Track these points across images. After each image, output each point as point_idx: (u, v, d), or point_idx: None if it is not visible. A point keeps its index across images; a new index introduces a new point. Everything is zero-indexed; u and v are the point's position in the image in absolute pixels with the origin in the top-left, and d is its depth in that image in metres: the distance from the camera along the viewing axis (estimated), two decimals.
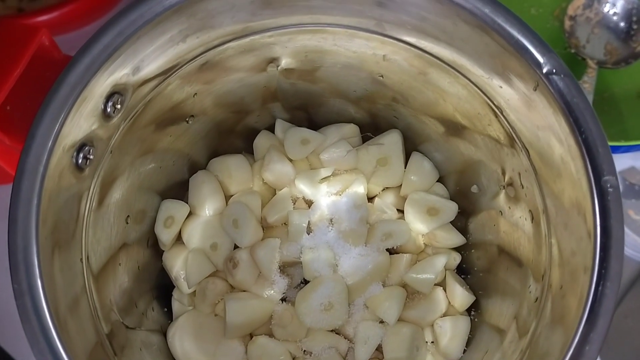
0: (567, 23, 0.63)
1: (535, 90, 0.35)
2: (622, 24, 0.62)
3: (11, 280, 0.30)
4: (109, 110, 0.36)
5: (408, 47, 0.40)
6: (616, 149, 0.56)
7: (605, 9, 0.62)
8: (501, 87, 0.37)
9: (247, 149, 0.53)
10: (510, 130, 0.39)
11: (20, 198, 0.31)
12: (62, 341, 0.30)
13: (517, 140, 0.39)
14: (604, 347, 0.55)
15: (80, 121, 0.34)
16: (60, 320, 0.31)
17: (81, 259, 0.37)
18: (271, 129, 0.52)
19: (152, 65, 0.38)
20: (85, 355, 0.34)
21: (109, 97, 0.36)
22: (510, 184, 0.42)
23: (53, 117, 0.32)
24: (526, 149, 0.38)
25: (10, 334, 0.57)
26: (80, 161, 0.35)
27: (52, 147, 0.32)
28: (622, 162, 0.62)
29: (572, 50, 0.62)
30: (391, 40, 0.40)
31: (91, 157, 0.36)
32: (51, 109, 0.32)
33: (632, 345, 0.58)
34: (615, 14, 0.62)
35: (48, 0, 0.66)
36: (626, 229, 0.59)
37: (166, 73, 0.39)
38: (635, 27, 0.62)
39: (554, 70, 0.33)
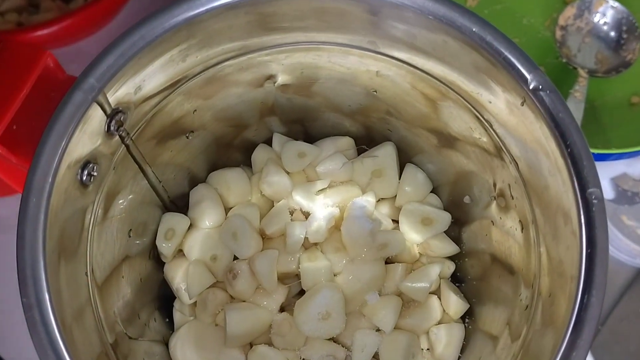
0: (558, 33, 0.64)
1: (523, 105, 0.36)
2: (612, 34, 0.63)
3: (20, 294, 0.31)
4: (112, 128, 0.37)
5: (400, 63, 0.41)
6: (608, 157, 0.56)
7: (596, 19, 0.63)
8: (490, 102, 0.38)
9: (246, 162, 0.54)
10: (500, 143, 0.40)
11: (27, 215, 0.32)
12: (70, 353, 0.31)
13: (506, 153, 0.40)
14: (599, 351, 0.56)
15: (85, 140, 0.35)
16: (67, 332, 0.32)
17: (86, 272, 0.38)
18: (269, 142, 0.53)
19: (154, 84, 0.39)
20: None
21: (112, 115, 0.37)
22: (501, 194, 0.43)
23: (58, 137, 0.33)
24: (515, 161, 0.39)
25: (11, 346, 0.58)
26: (84, 178, 0.36)
27: (58, 165, 0.33)
28: (614, 169, 0.62)
29: (564, 60, 0.63)
30: (384, 57, 0.41)
31: (95, 173, 0.37)
32: (56, 129, 0.33)
33: (627, 349, 0.58)
34: (605, 23, 0.63)
35: (46, 15, 0.67)
36: (619, 234, 0.59)
37: (167, 90, 0.40)
38: (625, 36, 0.62)
39: (540, 87, 0.34)
